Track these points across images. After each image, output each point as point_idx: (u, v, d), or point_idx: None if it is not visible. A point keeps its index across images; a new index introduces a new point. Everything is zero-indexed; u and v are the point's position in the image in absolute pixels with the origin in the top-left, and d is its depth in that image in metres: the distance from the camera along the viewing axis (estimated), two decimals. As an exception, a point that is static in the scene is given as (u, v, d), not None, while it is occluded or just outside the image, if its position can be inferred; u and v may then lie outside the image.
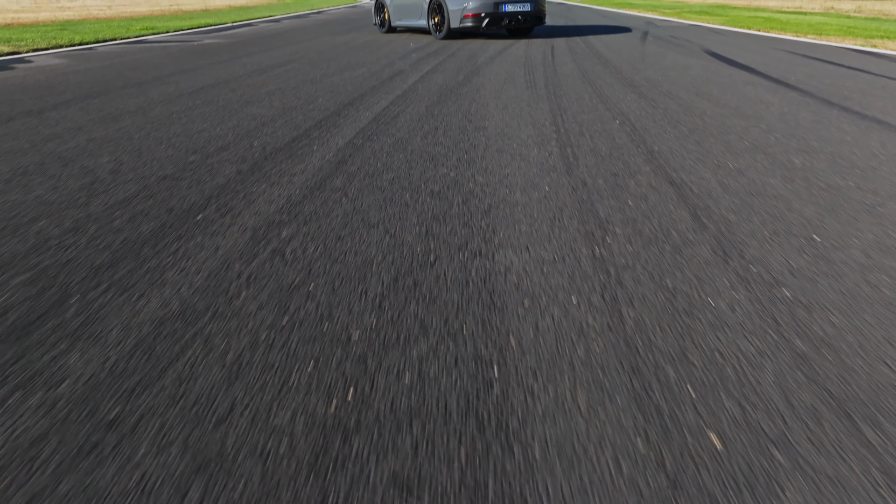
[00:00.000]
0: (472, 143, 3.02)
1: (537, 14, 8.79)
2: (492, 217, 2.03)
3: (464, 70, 5.67)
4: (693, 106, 3.86)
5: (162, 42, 9.32)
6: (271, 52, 7.66)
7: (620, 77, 5.13)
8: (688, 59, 6.39)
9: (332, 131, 3.30)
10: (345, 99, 4.26)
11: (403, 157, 2.77)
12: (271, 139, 3.15)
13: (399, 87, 4.77)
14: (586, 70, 5.57)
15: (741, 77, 5.07)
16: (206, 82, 5.15)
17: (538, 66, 5.85)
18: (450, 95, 4.35)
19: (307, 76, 5.42)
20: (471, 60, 6.41)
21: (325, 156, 2.81)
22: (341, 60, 6.59)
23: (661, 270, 1.63)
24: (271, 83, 5.04)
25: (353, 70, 5.78)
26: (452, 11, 8.55)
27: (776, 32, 9.59)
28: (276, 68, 6.00)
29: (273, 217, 2.06)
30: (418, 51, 7.43)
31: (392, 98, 4.28)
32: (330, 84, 4.94)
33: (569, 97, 4.22)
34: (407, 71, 5.65)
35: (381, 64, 6.22)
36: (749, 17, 13.96)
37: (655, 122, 3.41)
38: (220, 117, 3.71)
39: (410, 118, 3.61)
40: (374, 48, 7.90)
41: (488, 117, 3.60)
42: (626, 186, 2.32)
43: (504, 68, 5.76)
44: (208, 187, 2.38)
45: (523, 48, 7.60)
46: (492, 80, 5.05)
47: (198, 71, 5.88)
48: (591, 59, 6.38)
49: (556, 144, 2.96)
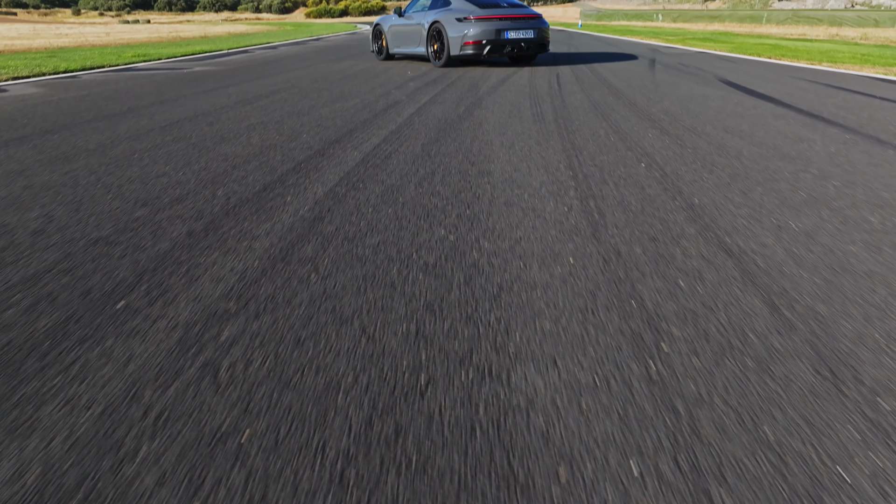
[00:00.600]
0: (476, 192, 2.54)
1: (541, 41, 8.44)
2: (503, 306, 1.54)
3: (464, 101, 5.25)
4: (725, 145, 3.41)
5: (151, 70, 8.97)
6: (261, 80, 7.28)
7: (635, 109, 4.70)
8: (704, 88, 5.98)
9: (312, 176, 2.84)
10: (332, 135, 3.81)
11: (393, 213, 2.29)
12: (239, 187, 2.68)
13: (394, 120, 4.33)
14: (597, 101, 5.15)
15: (768, 110, 4.63)
16: (184, 114, 4.72)
17: (544, 97, 5.44)
18: (449, 131, 3.91)
19: (295, 108, 4.99)
20: (472, 90, 6.00)
21: (298, 210, 2.34)
22: (334, 90, 6.19)
23: (750, 407, 1.14)
24: (254, 116, 4.61)
25: (345, 101, 5.36)
26: (452, 38, 8.20)
27: (788, 60, 9.25)
28: (263, 98, 5.59)
29: (216, 305, 1.57)
30: (416, 79, 7.04)
31: (385, 134, 3.83)
32: (318, 117, 4.50)
33: (582, 133, 3.77)
34: (403, 102, 5.23)
35: (376, 94, 5.81)
36: (755, 44, 13.70)
37: (687, 166, 2.95)
38: (187, 157, 3.25)
39: (404, 159, 3.15)
40: (370, 76, 7.52)
41: (493, 158, 3.14)
42: (672, 258, 1.84)
43: (508, 99, 5.34)
44: (146, 256, 1.89)
45: (527, 77, 7.21)
46: (495, 112, 4.62)
47: (178, 101, 5.46)
48: (601, 89, 5.97)
49: (575, 195, 2.49)
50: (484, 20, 8.03)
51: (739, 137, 3.60)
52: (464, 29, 8.08)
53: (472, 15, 8.06)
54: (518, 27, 8.16)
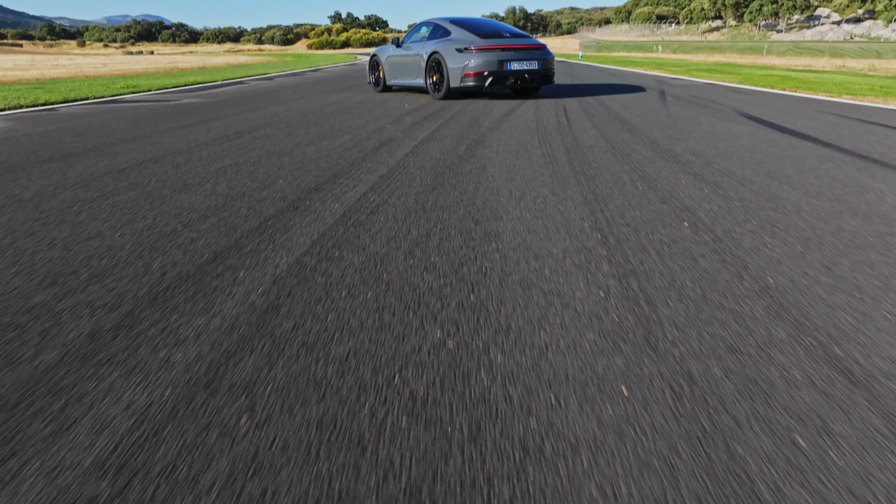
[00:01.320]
0: (482, 265, 1.99)
1: (545, 72, 8.02)
2: (535, 486, 0.97)
3: (466, 138, 4.75)
4: (776, 196, 2.87)
5: (136, 102, 8.54)
6: (249, 113, 6.81)
7: (658, 149, 4.18)
8: (727, 124, 5.49)
9: (277, 239, 2.29)
10: (313, 181, 3.28)
11: (373, 300, 1.73)
12: (183, 255, 2.12)
13: (385, 162, 3.81)
14: (613, 139, 4.64)
15: (808, 150, 4.12)
16: (152, 154, 4.20)
17: (553, 134, 4.94)
18: (448, 176, 3.38)
19: (277, 146, 4.48)
20: (473, 125, 5.51)
21: (249, 293, 1.78)
22: (324, 125, 5.70)
23: None
24: (230, 156, 4.10)
25: (334, 138, 4.86)
26: (452, 70, 7.77)
27: (804, 92, 8.82)
28: (246, 134, 5.09)
29: (79, 490, 0.99)
30: (413, 113, 6.57)
31: (374, 180, 3.30)
32: (301, 157, 3.98)
33: (603, 179, 3.24)
34: (398, 139, 4.73)
35: (369, 129, 5.31)
36: (763, 75, 13.37)
37: (741, 226, 2.40)
38: (134, 212, 2.71)
39: (394, 214, 2.61)
40: (365, 109, 7.06)
41: (501, 214, 2.59)
42: (771, 387, 1.27)
43: (513, 136, 4.84)
44: (17, 377, 1.33)
45: (532, 110, 6.75)
46: (500, 152, 4.11)
47: (151, 138, 4.96)
48: (614, 124, 5.48)
49: (610, 270, 1.93)
50: (485, 51, 7.62)
51: (789, 185, 3.07)
52: (464, 60, 7.66)
53: (473, 45, 7.66)
54: (522, 58, 7.75)
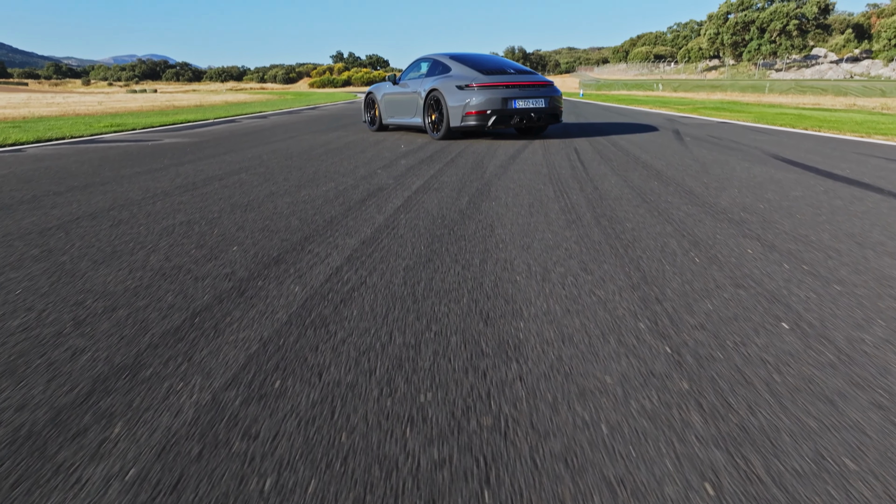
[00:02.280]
0: (497, 418, 1.26)
1: (552, 111, 7.45)
2: None
3: (468, 187, 4.08)
4: (885, 274, 2.17)
5: (114, 142, 7.95)
6: (229, 155, 6.19)
7: (697, 201, 3.51)
8: (765, 169, 4.84)
9: (195, 355, 1.57)
10: (275, 247, 2.59)
11: (318, 493, 1.00)
12: (49, 384, 1.40)
13: (371, 219, 3.13)
14: (640, 188, 3.98)
15: (881, 203, 3.44)
16: (96, 207, 3.53)
17: (570, 181, 4.28)
18: (448, 241, 2.69)
19: (247, 196, 3.81)
20: (476, 170, 4.86)
21: (108, 482, 1.05)
22: (308, 169, 5.05)
23: None
24: (186, 210, 3.42)
25: (315, 186, 4.19)
26: (452, 108, 7.20)
27: (829, 132, 8.24)
28: (216, 182, 4.43)
29: None
30: (410, 155, 5.94)
31: (353, 246, 2.60)
32: (270, 213, 3.30)
33: (645, 246, 2.55)
34: (389, 188, 4.06)
35: (358, 175, 4.66)
36: (775, 113, 12.88)
37: (866, 329, 1.68)
38: (22, 298, 2.00)
39: (371, 306, 1.90)
40: (357, 151, 6.44)
41: (520, 306, 1.88)
42: None
43: (523, 183, 4.18)
44: None
45: (540, 152, 6.12)
46: (510, 206, 3.43)
47: (107, 186, 4.30)
48: (636, 169, 4.83)
49: (706, 431, 1.20)
50: (488, 88, 7.06)
51: (891, 257, 2.37)
52: (465, 97, 7.09)
53: (475, 82, 7.10)
54: (527, 95, 7.18)
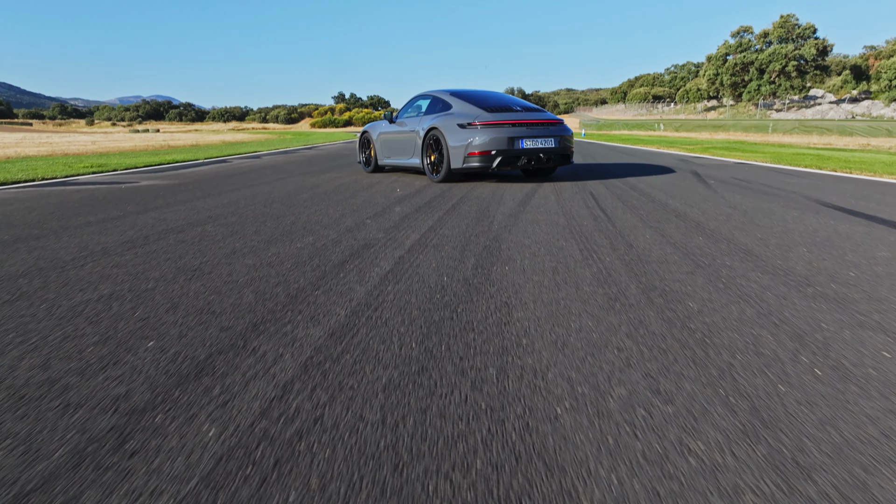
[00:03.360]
0: None
1: (563, 151, 6.81)
2: None
3: (473, 243, 3.37)
4: None
5: (88, 184, 7.31)
6: (204, 200, 5.50)
7: (763, 265, 2.78)
8: (820, 219, 4.13)
9: None
10: (205, 344, 1.84)
11: None
12: None
13: (349, 291, 2.39)
14: (684, 245, 3.26)
15: None
16: (9, 271, 2.80)
17: (595, 235, 3.56)
18: (448, 333, 1.94)
19: (200, 257, 3.09)
20: (482, 220, 4.16)
21: None
22: (287, 218, 4.35)
23: None
24: (115, 278, 2.69)
25: (289, 241, 3.47)
26: (453, 148, 6.56)
27: (862, 173, 7.60)
28: (172, 236, 3.72)
29: None
30: (406, 201, 5.25)
31: (316, 341, 1.86)
32: (219, 283, 2.57)
33: (733, 347, 1.80)
34: (378, 244, 3.34)
35: (343, 227, 3.95)
36: (791, 154, 12.32)
37: None
38: None
39: (323, 478, 1.14)
40: (348, 195, 5.76)
41: (572, 483, 1.12)
42: None
43: (540, 238, 3.46)
44: None
45: (552, 196, 5.44)
46: (528, 273, 2.70)
47: (41, 240, 3.59)
48: (669, 219, 4.13)
49: None
50: (493, 126, 6.43)
51: None
52: (468, 137, 6.46)
53: (478, 120, 6.48)
54: (536, 134, 6.55)
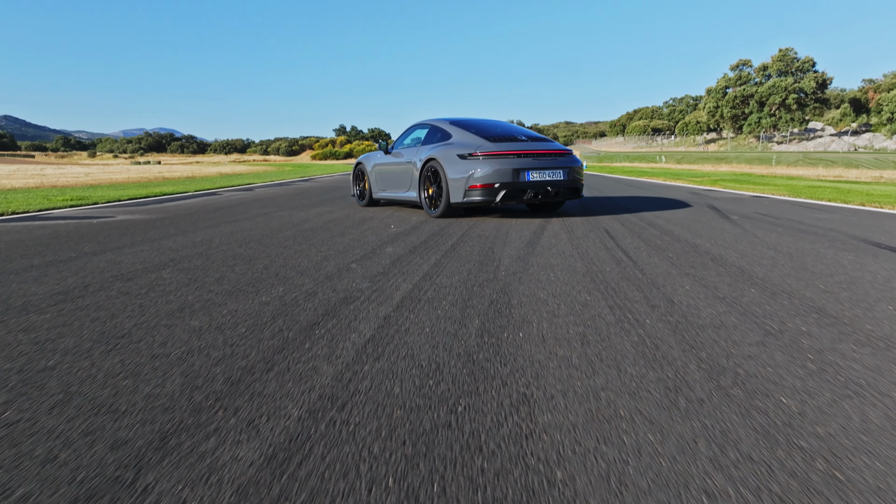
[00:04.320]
0: None
1: (572, 184, 6.26)
2: None
3: (477, 296, 2.75)
4: None
5: (58, 219, 6.74)
6: (174, 238, 4.92)
7: (850, 329, 2.17)
8: (883, 264, 3.53)
9: None
10: (84, 477, 1.22)
11: None
12: None
13: (310, 377, 1.77)
14: (737, 300, 2.64)
15: None
16: None
17: (623, 286, 2.95)
18: (445, 446, 1.31)
19: (136, 316, 2.48)
20: (486, 264, 3.56)
21: None
22: (260, 262, 3.75)
23: None
24: (13, 349, 2.07)
25: (254, 293, 2.87)
26: (453, 181, 6.01)
27: (894, 208, 7.04)
28: (115, 285, 3.11)
29: None
30: (399, 239, 4.66)
31: (248, 466, 1.23)
32: (144, 358, 1.95)
33: (870, 481, 1.18)
34: (361, 298, 2.73)
35: (322, 274, 3.35)
36: (807, 186, 11.81)
37: None
38: None
39: None
40: (336, 233, 5.18)
41: None
42: None
43: (558, 290, 2.85)
44: None
45: (564, 234, 4.85)
46: (549, 343, 2.08)
47: (-41, 290, 2.98)
48: (704, 263, 3.52)
49: None
50: (496, 157, 5.89)
51: None
52: (468, 168, 5.91)
53: (480, 150, 5.95)
54: (543, 166, 6.00)
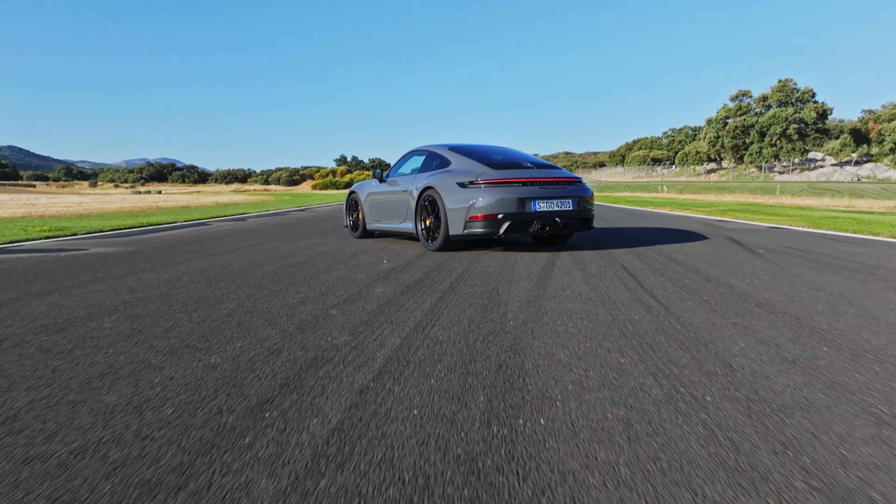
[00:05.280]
0: None
1: (582, 215, 5.73)
2: None
3: (481, 356, 2.18)
4: None
5: (24, 252, 6.21)
6: (138, 275, 4.36)
7: None
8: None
9: None
10: None
11: None
12: None
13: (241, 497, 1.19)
14: (810, 363, 2.07)
15: None
16: None
17: (660, 340, 2.38)
18: None
19: (38, 390, 1.91)
20: (491, 310, 2.99)
21: None
22: (222, 308, 3.19)
23: None
24: None
25: (202, 352, 2.29)
26: (452, 211, 5.48)
27: (930, 240, 6.50)
28: (43, 336, 2.55)
29: None
30: (391, 277, 4.10)
31: None
32: (15, 458, 1.37)
33: None
34: (334, 359, 2.16)
35: (294, 323, 2.78)
36: (822, 217, 11.31)
37: None
38: None
39: None
40: (321, 269, 4.62)
41: None
42: None
43: (581, 346, 2.27)
44: None
45: (577, 271, 4.29)
46: (579, 429, 1.50)
47: None
48: (749, 310, 2.96)
49: None
50: (499, 185, 5.38)
51: None
52: (469, 198, 5.39)
53: (482, 178, 5.43)
54: (550, 195, 5.48)
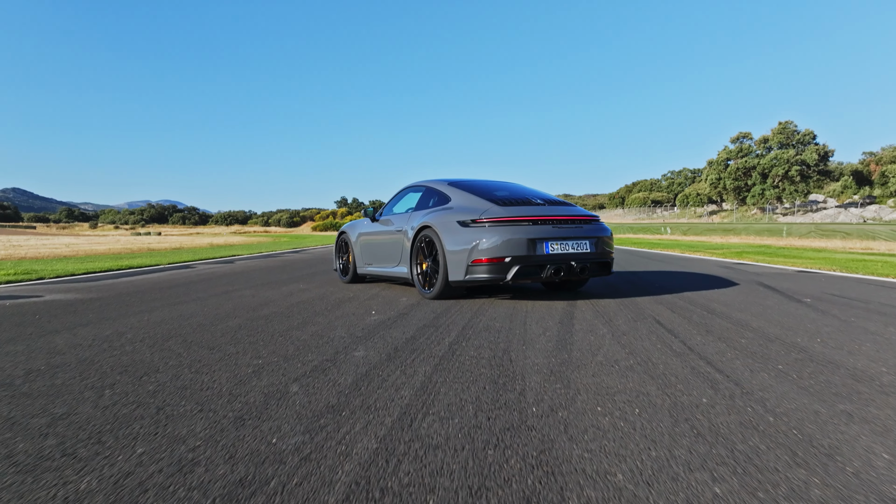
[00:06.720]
0: None
1: (601, 258, 5.03)
2: None
3: (495, 474, 1.44)
4: None
5: (-31, 299, 5.49)
6: (78, 330, 3.65)
7: None
8: None
9: None
10: None
11: None
12: None
13: None
14: None
15: None
16: None
17: (752, 442, 1.64)
18: None
19: None
20: (503, 388, 2.26)
21: None
22: (148, 383, 2.46)
23: None
24: None
25: (80, 466, 1.56)
26: (451, 253, 4.79)
27: None
28: None
29: None
30: (377, 335, 3.38)
31: None
32: None
33: None
34: (274, 481, 1.42)
35: (231, 411, 2.05)
36: (847, 259, 10.61)
37: None
38: None
39: None
40: (295, 323, 3.90)
41: None
42: None
43: (637, 448, 1.54)
44: None
45: (602, 325, 3.56)
46: None
47: None
48: (848, 386, 2.23)
49: None
50: (506, 224, 4.70)
51: None
52: (472, 238, 4.71)
53: (486, 216, 4.77)
54: (565, 235, 4.80)
